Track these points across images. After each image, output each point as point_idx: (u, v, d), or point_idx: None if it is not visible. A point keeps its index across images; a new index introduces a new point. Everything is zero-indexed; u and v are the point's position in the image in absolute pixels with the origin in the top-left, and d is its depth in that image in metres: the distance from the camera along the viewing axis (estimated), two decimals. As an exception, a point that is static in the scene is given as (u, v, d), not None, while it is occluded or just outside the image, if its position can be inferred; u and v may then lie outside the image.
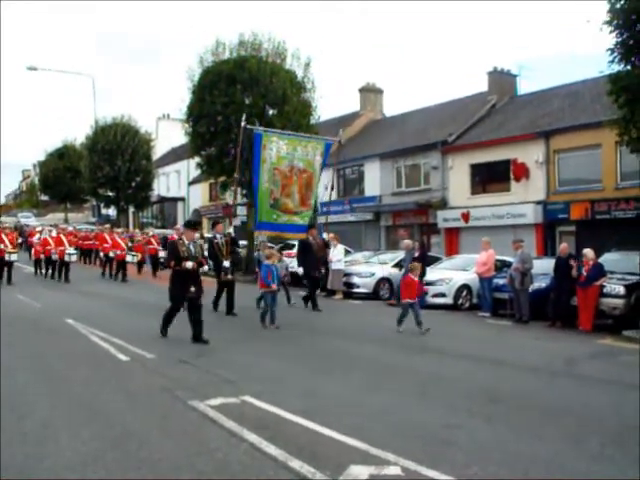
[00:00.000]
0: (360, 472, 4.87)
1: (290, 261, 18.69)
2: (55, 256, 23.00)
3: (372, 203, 33.48)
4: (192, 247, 10.92)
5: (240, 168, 15.87)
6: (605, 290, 14.24)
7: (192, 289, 10.59)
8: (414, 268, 13.41)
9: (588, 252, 14.55)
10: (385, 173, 33.06)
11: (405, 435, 5.90)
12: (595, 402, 7.53)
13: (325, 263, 17.42)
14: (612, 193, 23.26)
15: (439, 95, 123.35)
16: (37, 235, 27.81)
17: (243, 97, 26.80)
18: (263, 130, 15.88)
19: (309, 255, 16.55)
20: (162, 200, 54.27)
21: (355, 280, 19.84)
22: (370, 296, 19.52)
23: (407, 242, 18.98)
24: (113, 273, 24.08)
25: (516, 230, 24.92)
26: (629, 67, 14.86)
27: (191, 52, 63.97)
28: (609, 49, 14.94)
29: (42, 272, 24.95)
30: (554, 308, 14.92)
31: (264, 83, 26.29)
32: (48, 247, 23.49)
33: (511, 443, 5.78)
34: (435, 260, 21.23)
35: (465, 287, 18.18)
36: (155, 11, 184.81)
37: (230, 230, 15.58)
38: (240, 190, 30.82)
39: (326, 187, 18.67)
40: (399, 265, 19.54)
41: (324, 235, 17.10)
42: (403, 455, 5.23)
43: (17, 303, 16.25)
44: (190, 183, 51.51)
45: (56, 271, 23.33)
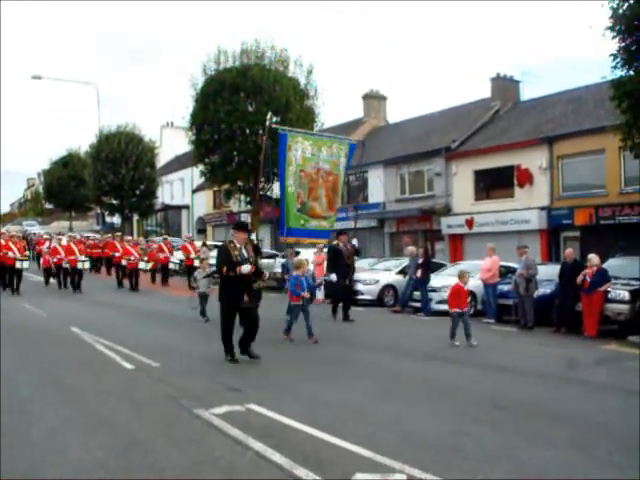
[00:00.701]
0: (366, 480, 4.86)
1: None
2: (67, 265, 22.36)
3: (376, 210, 33.47)
4: (244, 251, 9.94)
5: (265, 170, 15.47)
6: (610, 296, 14.18)
7: (246, 298, 9.69)
8: (462, 275, 12.72)
9: (592, 257, 14.51)
10: (389, 180, 33.06)
11: (411, 443, 5.88)
12: (601, 408, 7.49)
13: (354, 271, 16.50)
14: (616, 198, 23.23)
15: (442, 102, 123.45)
16: (46, 244, 27.31)
17: (246, 105, 26.92)
18: (288, 130, 15.17)
19: (339, 262, 15.57)
20: (166, 208, 54.36)
21: (359, 287, 19.79)
22: (374, 303, 19.48)
23: (411, 249, 18.97)
24: (122, 281, 23.59)
25: (520, 236, 24.89)
26: (632, 72, 14.88)
27: (194, 60, 64.12)
28: (612, 54, 14.97)
29: (53, 281, 24.08)
30: (559, 314, 14.87)
31: (267, 91, 26.42)
32: (58, 256, 22.86)
33: (518, 450, 5.76)
34: (439, 267, 21.18)
35: (470, 293, 18.11)
36: (158, 18, 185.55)
37: (253, 237, 14.52)
38: (244, 197, 31.00)
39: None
40: (403, 272, 19.53)
41: (354, 242, 16.27)
42: (409, 463, 5.21)
43: (24, 312, 16.24)
44: (194, 191, 51.60)
45: (67, 280, 22.69)
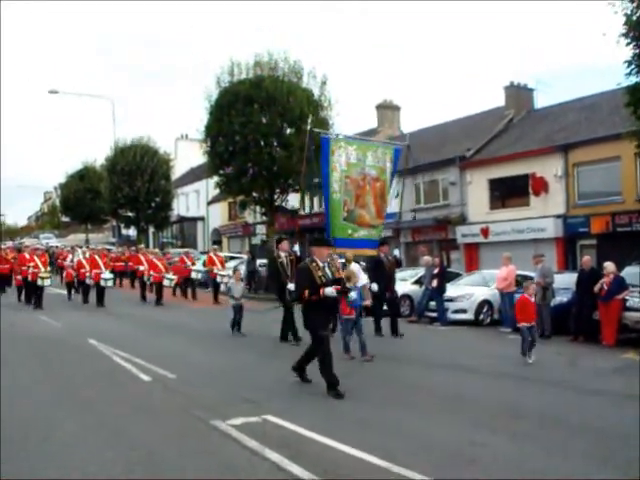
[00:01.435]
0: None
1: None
2: (90, 280, 21.56)
3: (391, 220, 33.38)
4: (327, 269, 8.67)
5: (306, 175, 14.40)
6: (628, 304, 14.06)
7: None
8: (528, 286, 11.84)
9: (609, 265, 14.40)
10: (404, 189, 32.97)
11: (428, 453, 5.86)
12: (619, 418, 7.43)
13: (394, 282, 15.32)
14: (633, 205, 23.07)
15: (456, 111, 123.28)
16: (70, 257, 26.82)
17: (260, 116, 27.00)
18: (330, 134, 14.39)
19: (381, 273, 14.35)
20: (182, 220, 54.59)
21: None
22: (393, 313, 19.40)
23: (427, 258, 18.93)
24: (145, 295, 22.95)
25: (536, 245, 24.76)
26: (646, 79, 14.83)
27: (208, 72, 64.50)
28: (626, 61, 14.93)
29: (74, 296, 23.44)
30: (576, 322, 14.77)
31: (281, 102, 26.49)
32: (82, 270, 22.07)
33: (536, 460, 5.72)
34: (455, 276, 21.13)
35: (486, 303, 18.06)
36: (171, 31, 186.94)
37: (296, 248, 14.03)
38: (259, 208, 31.06)
39: (397, 194, 16.82)
40: (419, 282, 19.49)
41: (396, 252, 15.50)
42: (426, 473, 5.19)
43: (42, 324, 16.35)
44: (209, 202, 51.80)
45: (89, 295, 21.82)
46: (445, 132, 35.15)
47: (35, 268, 20.11)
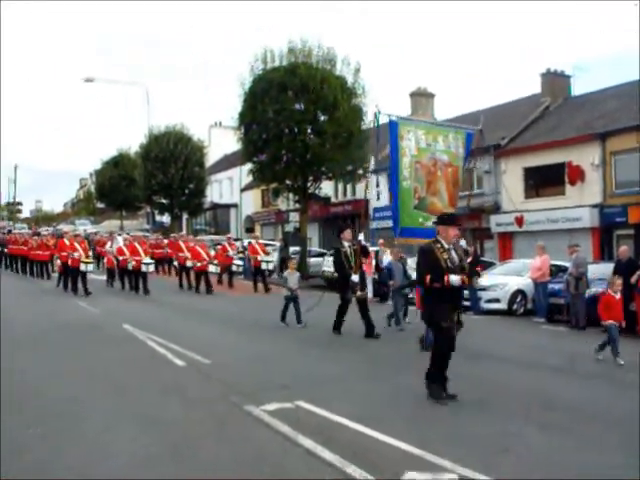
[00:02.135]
0: (416, 479, 4.85)
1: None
2: (131, 266, 21.17)
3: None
4: (454, 253, 7.69)
5: (376, 159, 13.33)
6: (666, 295, 13.84)
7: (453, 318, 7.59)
8: (614, 282, 11.19)
9: (647, 256, 14.18)
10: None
11: (461, 442, 5.84)
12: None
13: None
14: (672, 195, 22.68)
15: (491, 98, 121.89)
16: (109, 243, 26.33)
17: (294, 104, 27.01)
18: (398, 117, 13.55)
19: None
20: (215, 207, 54.88)
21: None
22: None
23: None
24: (193, 285, 22.23)
25: (572, 234, 24.45)
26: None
27: (242, 60, 64.82)
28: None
29: (114, 283, 22.99)
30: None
31: (315, 89, 26.44)
32: (123, 257, 21.54)
33: (569, 453, 5.67)
34: (489, 265, 21.00)
35: (520, 292, 17.92)
36: (204, 18, 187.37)
37: (361, 237, 13.25)
38: (292, 196, 31.12)
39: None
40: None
41: (462, 242, 14.77)
42: (459, 462, 5.18)
43: (80, 311, 16.59)
44: (242, 190, 52.00)
45: (133, 282, 21.44)
46: (479, 120, 34.78)
47: (76, 253, 19.78)
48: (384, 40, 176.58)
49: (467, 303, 17.64)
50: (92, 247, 31.62)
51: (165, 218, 53.32)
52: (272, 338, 12.37)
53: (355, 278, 12.31)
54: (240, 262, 25.14)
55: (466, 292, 17.59)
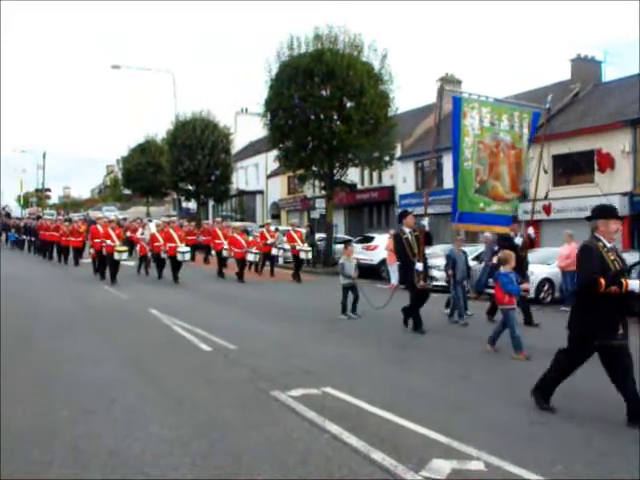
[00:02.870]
0: (442, 466, 4.85)
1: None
2: (164, 254, 20.53)
3: (451, 195, 33.03)
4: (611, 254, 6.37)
5: (437, 139, 12.77)
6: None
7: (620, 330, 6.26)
8: None
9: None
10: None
11: (488, 430, 5.83)
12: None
13: (527, 266, 13.71)
14: None
15: (519, 85, 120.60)
16: (140, 230, 25.54)
17: (320, 90, 26.93)
18: (461, 93, 12.51)
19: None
20: (241, 193, 55.07)
21: (434, 273, 19.62)
22: (448, 289, 19.29)
23: (487, 235, 18.63)
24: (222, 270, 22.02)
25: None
26: None
27: (268, 46, 64.96)
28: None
29: (148, 271, 22.49)
30: (642, 303, 14.35)
31: (341, 76, 26.34)
32: (156, 244, 20.74)
33: (597, 442, 5.63)
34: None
35: (547, 281, 17.76)
36: (232, 5, 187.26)
37: (425, 222, 12.21)
38: (318, 182, 31.05)
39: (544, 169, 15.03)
40: (478, 258, 19.26)
41: (530, 231, 13.76)
42: (486, 450, 5.18)
43: (111, 300, 16.76)
44: (268, 176, 52.09)
45: (162, 269, 20.89)
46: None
47: (110, 240, 19.32)
48: (412, 26, 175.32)
49: (493, 291, 17.55)
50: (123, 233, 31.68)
51: (191, 205, 53.64)
52: (300, 324, 12.40)
53: (419, 266, 11.51)
54: (281, 251, 24.34)
55: (492, 281, 17.54)
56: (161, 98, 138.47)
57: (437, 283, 19.51)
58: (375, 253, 23.56)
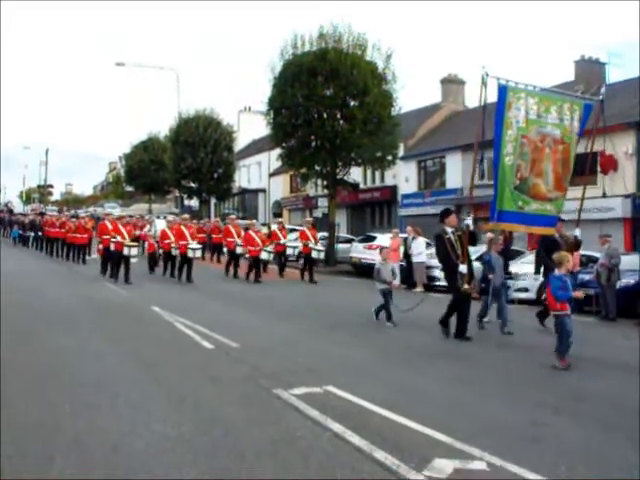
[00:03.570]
0: (445, 466, 4.84)
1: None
2: (175, 251, 19.91)
3: (453, 196, 33.11)
4: None
5: (482, 133, 11.69)
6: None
7: None
8: None
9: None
10: (467, 165, 32.56)
11: (490, 431, 5.82)
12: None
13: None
14: None
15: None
16: (147, 227, 25.63)
17: (324, 89, 26.94)
18: (507, 81, 11.41)
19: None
20: (243, 191, 55.08)
21: (436, 273, 19.64)
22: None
23: (490, 235, 18.63)
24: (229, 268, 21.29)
25: (603, 225, 24.13)
26: None
27: (272, 44, 65.04)
28: None
29: (151, 268, 21.90)
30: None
31: (345, 75, 26.36)
32: (167, 240, 20.18)
33: (600, 444, 5.61)
34: (518, 254, 20.82)
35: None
36: (235, 4, 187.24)
37: (468, 221, 11.65)
38: (321, 181, 31.01)
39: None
40: (481, 259, 19.25)
41: (577, 232, 13.40)
42: (488, 450, 5.17)
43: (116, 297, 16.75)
44: (271, 175, 52.09)
45: (175, 269, 20.15)
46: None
47: (120, 236, 18.60)
48: (415, 26, 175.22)
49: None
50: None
51: (193, 202, 53.67)
52: (302, 322, 12.41)
53: (463, 269, 10.86)
54: (295, 250, 23.46)
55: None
56: (164, 96, 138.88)
57: (439, 283, 19.55)
58: (377, 252, 23.52)
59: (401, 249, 20.55)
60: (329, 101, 26.84)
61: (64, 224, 26.39)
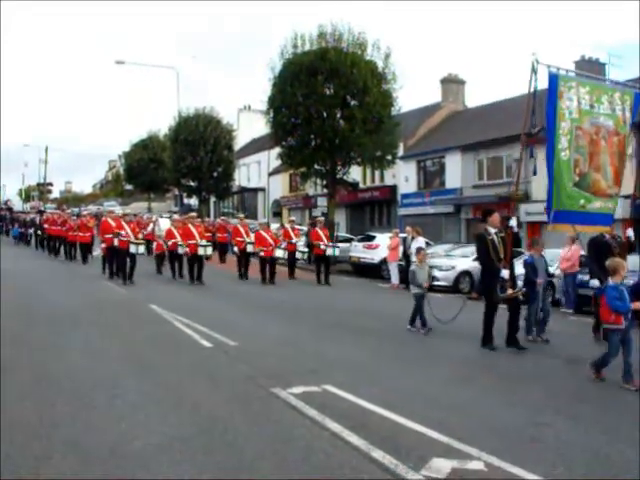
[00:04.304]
0: (442, 466, 4.84)
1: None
2: (182, 250, 19.15)
3: (453, 195, 33.11)
4: None
5: (531, 124, 10.62)
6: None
7: None
8: None
9: (680, 248, 13.93)
10: (466, 165, 32.59)
11: (489, 431, 5.81)
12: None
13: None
14: None
15: (523, 86, 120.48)
16: (151, 225, 25.02)
17: (324, 88, 26.93)
18: (558, 69, 10.43)
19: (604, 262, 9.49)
20: (243, 190, 55.05)
21: (435, 273, 19.63)
22: (450, 289, 19.34)
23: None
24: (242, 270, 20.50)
25: (602, 225, 24.07)
26: None
27: (272, 43, 65.11)
28: None
29: (159, 269, 21.32)
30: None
31: (345, 74, 26.35)
32: (173, 240, 19.57)
33: (600, 445, 5.60)
34: (517, 255, 20.78)
35: (548, 283, 17.72)
36: (237, 3, 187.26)
37: (513, 222, 10.85)
38: (320, 181, 30.97)
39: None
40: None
41: (630, 232, 12.51)
42: (486, 450, 5.17)
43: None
44: (270, 174, 52.07)
45: (183, 269, 19.57)
46: (511, 108, 34.39)
47: (122, 231, 18.02)
48: (416, 25, 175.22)
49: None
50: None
51: (193, 201, 53.65)
52: (301, 322, 12.40)
53: (505, 274, 10.03)
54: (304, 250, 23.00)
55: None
56: (164, 94, 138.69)
57: (438, 283, 19.56)
58: (376, 252, 23.56)
59: (400, 249, 20.54)
60: (329, 100, 26.82)
61: (65, 222, 26.11)
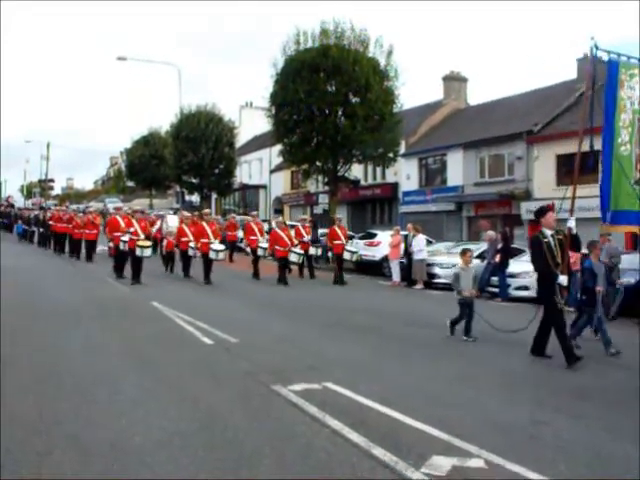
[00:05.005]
0: (443, 463, 4.83)
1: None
2: (193, 252, 18.72)
3: (454, 193, 33.09)
4: None
5: (590, 114, 10.01)
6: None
7: None
8: None
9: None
10: (468, 163, 32.57)
11: (489, 428, 5.81)
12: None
13: None
14: None
15: (525, 84, 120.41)
16: (158, 223, 23.97)
17: (326, 85, 26.93)
18: (619, 55, 9.63)
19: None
20: (244, 187, 55.03)
21: (436, 270, 19.66)
22: (451, 287, 19.30)
23: (490, 233, 18.66)
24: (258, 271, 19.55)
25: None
26: None
27: (274, 40, 65.14)
28: None
29: (169, 268, 20.51)
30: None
31: (347, 71, 26.35)
32: (185, 238, 18.95)
33: (602, 443, 5.60)
34: (519, 252, 20.80)
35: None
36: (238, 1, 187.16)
37: (571, 223, 9.74)
38: (322, 178, 30.95)
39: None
40: (481, 256, 19.25)
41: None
42: (487, 448, 5.16)
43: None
44: (272, 171, 52.04)
45: (191, 268, 19.11)
46: (512, 105, 34.40)
47: (134, 234, 17.25)
48: (418, 22, 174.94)
49: (495, 289, 17.57)
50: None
51: (194, 198, 53.66)
52: (303, 319, 12.41)
53: (563, 280, 8.98)
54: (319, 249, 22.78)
55: (494, 278, 17.53)
56: (166, 91, 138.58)
57: (439, 280, 19.57)
58: (378, 249, 23.55)
59: (401, 246, 20.55)
60: (331, 97, 26.83)
61: (71, 219, 25.87)
